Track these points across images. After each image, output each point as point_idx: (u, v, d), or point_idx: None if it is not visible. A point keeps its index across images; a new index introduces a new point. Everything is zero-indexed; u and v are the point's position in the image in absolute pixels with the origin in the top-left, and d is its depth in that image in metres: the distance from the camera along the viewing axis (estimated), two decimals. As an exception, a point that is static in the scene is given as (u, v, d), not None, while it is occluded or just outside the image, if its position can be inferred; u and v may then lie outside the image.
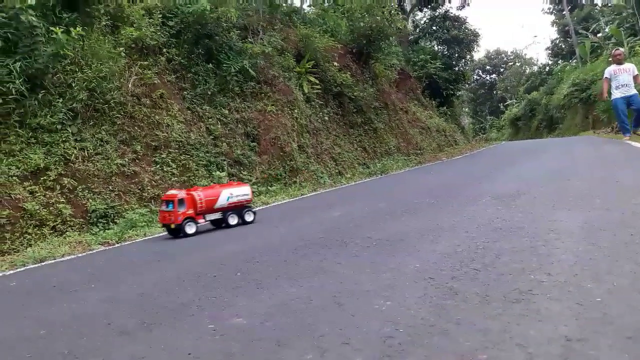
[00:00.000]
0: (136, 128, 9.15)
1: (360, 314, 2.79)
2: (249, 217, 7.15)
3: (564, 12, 43.07)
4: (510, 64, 67.04)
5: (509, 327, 2.42)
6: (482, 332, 2.38)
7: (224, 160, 10.56)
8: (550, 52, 52.40)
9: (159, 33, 10.57)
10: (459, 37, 29.98)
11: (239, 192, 7.10)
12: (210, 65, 11.49)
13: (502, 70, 67.21)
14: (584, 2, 41.07)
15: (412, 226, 5.25)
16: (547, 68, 50.59)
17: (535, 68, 58.76)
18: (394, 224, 5.53)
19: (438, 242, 4.37)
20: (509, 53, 68.57)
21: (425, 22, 32.80)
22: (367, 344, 2.39)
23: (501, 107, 59.56)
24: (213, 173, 9.90)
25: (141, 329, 2.95)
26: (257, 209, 8.87)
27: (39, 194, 7.18)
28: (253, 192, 10.18)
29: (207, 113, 10.98)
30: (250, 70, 11.97)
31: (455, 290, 3.00)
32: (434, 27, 31.02)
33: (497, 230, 4.55)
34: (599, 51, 31.98)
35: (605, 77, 13.55)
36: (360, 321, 2.68)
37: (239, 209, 7.08)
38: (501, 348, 2.21)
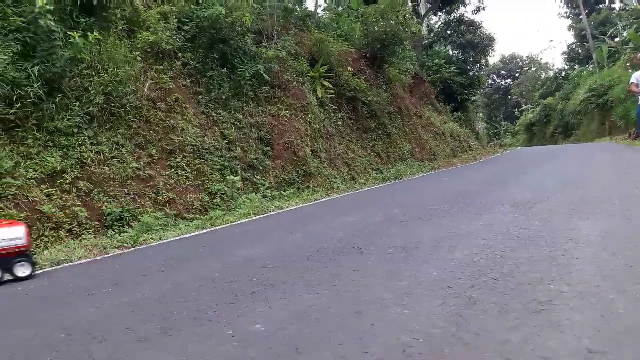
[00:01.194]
0: (152, 132, 9.20)
1: (378, 323, 2.77)
2: (21, 271, 5.04)
3: (581, 17, 42.74)
4: (525, 69, 66.53)
5: (529, 338, 2.39)
6: (503, 343, 2.36)
7: (238, 164, 10.58)
8: (566, 57, 52.00)
9: (174, 38, 10.61)
10: (474, 42, 29.87)
11: (2, 236, 4.97)
12: (225, 69, 11.52)
13: (517, 75, 66.73)
14: (601, 6, 40.77)
15: (428, 234, 5.23)
16: (564, 73, 50.13)
17: (551, 73, 58.23)
18: (409, 231, 5.51)
19: (455, 250, 4.35)
20: (524, 58, 68.10)
21: (440, 26, 32.73)
22: (387, 353, 2.38)
23: (516, 112, 59.18)
24: (227, 177, 9.92)
25: (160, 334, 2.96)
26: (272, 214, 8.88)
27: (55, 197, 7.23)
28: (266, 197, 10.23)
29: (221, 117, 11.02)
30: (264, 75, 11.98)
31: (474, 300, 2.98)
32: (449, 32, 30.94)
33: (515, 239, 4.52)
34: (616, 56, 31.70)
35: (632, 83, 13.08)
36: (378, 330, 2.67)
37: (6, 259, 4.96)
38: (523, 360, 2.19)
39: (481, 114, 50.49)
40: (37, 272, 5.33)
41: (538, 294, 2.98)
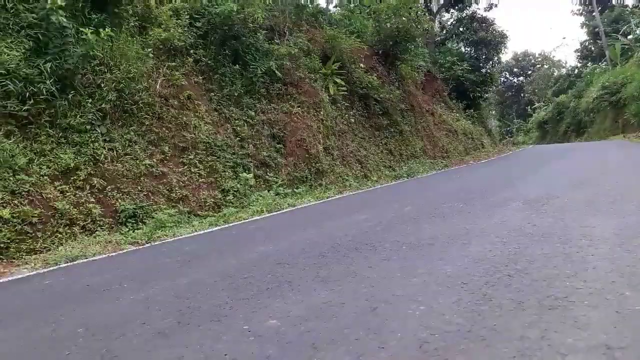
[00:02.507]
0: (164, 129, 9.23)
1: (394, 319, 2.78)
2: None
3: (594, 14, 42.37)
4: (538, 66, 66.02)
5: (546, 334, 2.39)
6: (520, 339, 2.35)
7: (250, 161, 10.61)
8: (579, 54, 51.57)
9: (186, 34, 10.65)
10: (487, 39, 29.68)
11: None
12: (237, 66, 11.55)
13: (529, 72, 66.24)
14: (614, 2, 40.37)
15: (442, 230, 5.21)
16: (576, 71, 49.80)
17: (564, 70, 57.82)
18: (423, 228, 5.49)
19: (469, 246, 4.33)
20: (537, 55, 67.58)
21: (452, 23, 32.60)
22: (403, 349, 2.38)
23: (529, 110, 58.79)
24: (240, 174, 9.95)
25: (177, 329, 2.98)
26: (285, 211, 8.90)
27: (69, 193, 7.28)
28: (279, 194, 10.24)
29: (233, 114, 11.04)
30: (276, 71, 11.99)
31: (489, 296, 2.97)
32: (461, 29, 30.78)
33: (528, 236, 4.50)
34: (629, 53, 31.42)
35: None
36: (394, 326, 2.67)
37: None
38: (540, 356, 2.19)
39: (493, 112, 50.28)
40: (52, 268, 5.41)
41: (553, 290, 2.97)
